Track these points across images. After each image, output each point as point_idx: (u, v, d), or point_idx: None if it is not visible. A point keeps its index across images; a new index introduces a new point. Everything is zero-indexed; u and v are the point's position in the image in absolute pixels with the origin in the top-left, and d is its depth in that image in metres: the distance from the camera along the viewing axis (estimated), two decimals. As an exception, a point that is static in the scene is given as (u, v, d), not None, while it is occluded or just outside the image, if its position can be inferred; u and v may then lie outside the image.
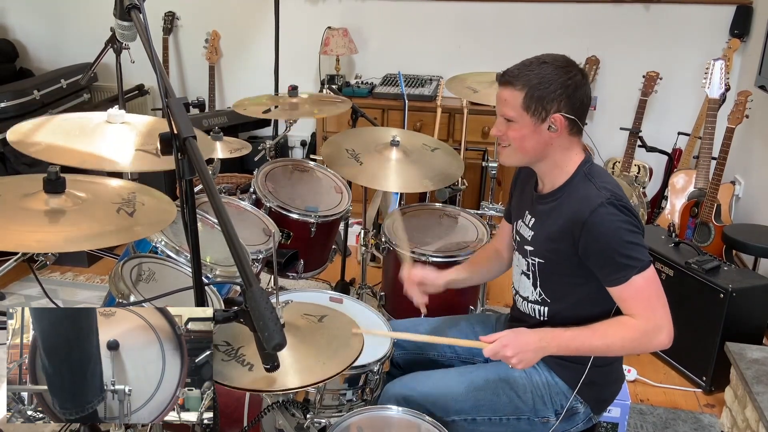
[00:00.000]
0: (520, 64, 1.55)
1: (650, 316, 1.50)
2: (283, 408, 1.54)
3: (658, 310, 1.51)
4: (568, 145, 1.57)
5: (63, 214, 1.40)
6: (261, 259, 2.11)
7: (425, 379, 1.70)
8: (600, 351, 1.56)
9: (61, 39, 4.69)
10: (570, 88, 1.51)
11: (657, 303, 1.51)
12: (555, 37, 3.95)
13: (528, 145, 1.56)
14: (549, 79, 1.50)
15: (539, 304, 1.67)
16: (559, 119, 1.52)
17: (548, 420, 1.65)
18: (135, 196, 1.53)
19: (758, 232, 2.99)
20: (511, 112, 1.55)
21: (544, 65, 1.52)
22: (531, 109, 1.52)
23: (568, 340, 1.54)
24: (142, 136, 1.67)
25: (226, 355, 1.36)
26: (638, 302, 1.51)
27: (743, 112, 3.14)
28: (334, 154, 2.35)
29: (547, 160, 1.59)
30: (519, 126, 1.55)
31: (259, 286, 0.99)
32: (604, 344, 1.54)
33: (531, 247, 1.64)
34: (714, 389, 2.62)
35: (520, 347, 1.51)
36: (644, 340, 1.52)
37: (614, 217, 1.48)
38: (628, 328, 1.51)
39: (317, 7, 4.28)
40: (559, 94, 1.51)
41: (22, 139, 1.58)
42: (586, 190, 1.53)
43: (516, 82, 1.53)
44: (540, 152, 1.57)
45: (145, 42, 1.16)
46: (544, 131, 1.54)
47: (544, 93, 1.50)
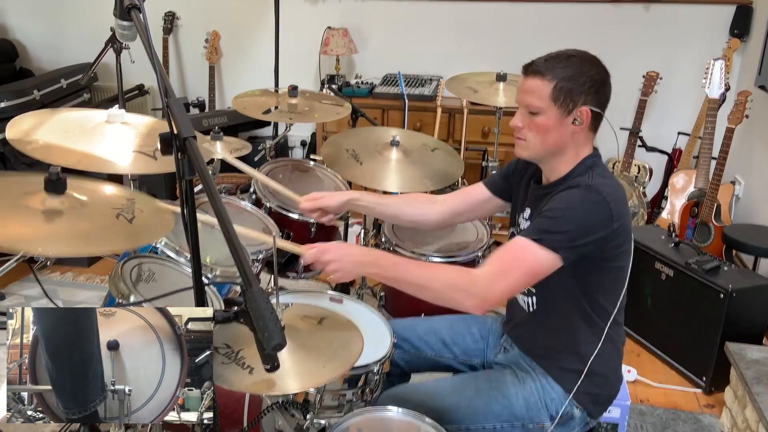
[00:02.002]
0: (547, 56, 1.53)
1: (492, 275, 1.45)
2: (283, 408, 1.54)
3: (497, 281, 1.45)
4: (584, 141, 1.56)
5: (60, 215, 1.38)
6: (261, 259, 2.11)
7: (417, 390, 1.69)
8: (417, 285, 1.49)
9: (61, 39, 4.68)
10: (598, 82, 1.51)
11: (505, 274, 1.45)
12: (555, 37, 3.94)
13: (550, 138, 1.54)
14: (578, 71, 1.50)
15: (526, 295, 1.65)
16: (585, 112, 1.51)
17: (543, 425, 1.62)
18: (134, 203, 1.51)
19: (758, 232, 2.99)
20: (537, 103, 1.52)
21: (572, 58, 1.51)
22: (559, 100, 1.50)
23: (393, 263, 1.51)
24: (142, 138, 1.66)
25: (226, 358, 1.36)
26: (498, 258, 1.47)
27: (743, 112, 3.14)
28: (334, 154, 2.36)
29: (562, 156, 1.57)
30: (545, 118, 1.52)
31: (259, 287, 0.99)
32: (426, 277, 1.49)
33: None
34: (714, 389, 2.62)
35: (341, 255, 1.49)
36: (462, 291, 1.45)
37: (579, 197, 1.46)
38: (459, 273, 1.47)
39: (317, 7, 4.28)
40: (588, 87, 1.50)
41: (21, 136, 1.57)
42: (582, 179, 1.52)
43: (546, 73, 1.50)
44: (559, 145, 1.55)
45: (145, 42, 1.16)
46: (568, 124, 1.52)
47: (574, 85, 1.49)
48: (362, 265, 1.52)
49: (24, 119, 1.63)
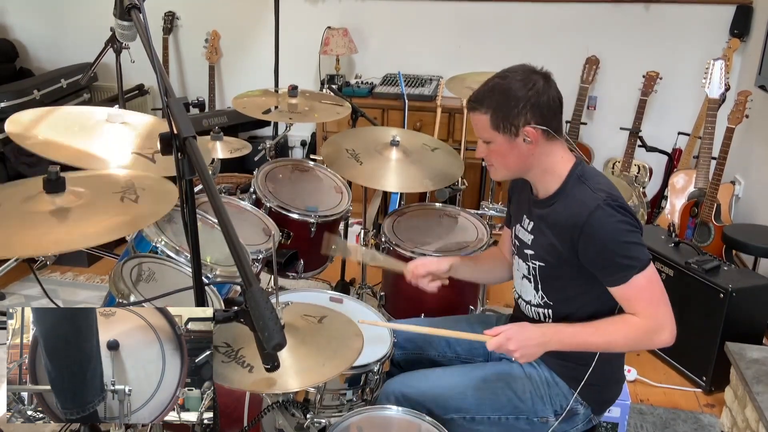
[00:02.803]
0: (482, 87, 1.58)
1: (653, 314, 1.52)
2: (283, 408, 1.54)
3: (661, 308, 1.52)
4: (549, 151, 1.58)
5: (69, 212, 1.38)
6: (261, 259, 2.11)
7: (425, 377, 1.70)
8: (602, 348, 1.58)
9: (61, 39, 4.69)
10: (532, 98, 1.52)
11: (659, 301, 1.52)
12: (555, 37, 3.94)
13: (510, 161, 1.59)
14: (509, 95, 1.52)
15: (543, 308, 1.67)
16: (530, 131, 1.53)
17: (547, 420, 1.65)
18: (133, 182, 1.50)
19: (758, 232, 2.99)
20: (485, 134, 1.58)
21: (502, 81, 1.54)
22: (500, 128, 1.54)
23: (570, 336, 1.56)
24: (141, 139, 1.66)
25: (226, 357, 1.36)
26: (640, 301, 1.52)
27: (743, 112, 3.14)
28: (334, 154, 2.36)
29: (535, 169, 1.61)
30: (496, 146, 1.58)
31: (259, 286, 0.99)
32: (606, 341, 1.55)
33: (531, 251, 1.65)
34: (714, 389, 2.62)
35: (524, 341, 1.52)
36: (646, 338, 1.53)
37: (611, 219, 1.49)
38: (630, 326, 1.53)
39: (317, 7, 4.28)
40: (522, 107, 1.52)
41: (21, 131, 1.57)
42: (581, 193, 1.54)
43: (480, 106, 1.56)
44: (524, 164, 1.59)
45: (145, 42, 1.16)
46: (520, 145, 1.55)
47: (508, 110, 1.53)
48: (544, 345, 1.54)
49: (24, 114, 1.63)
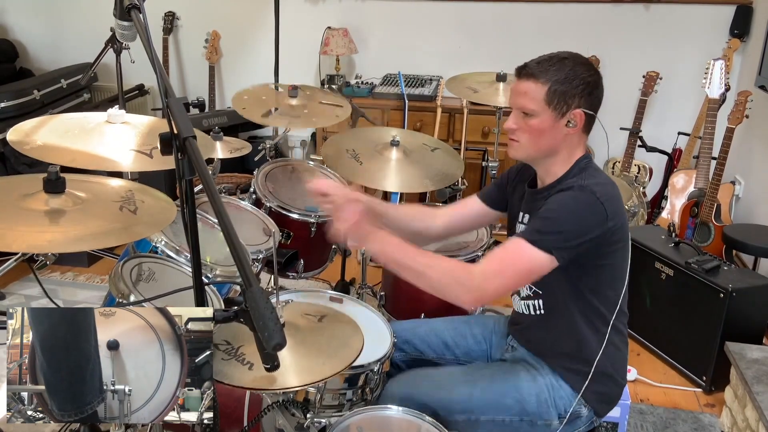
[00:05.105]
0: (540, 59, 1.54)
1: (483, 274, 1.47)
2: (283, 408, 1.54)
3: (492, 279, 1.47)
4: (578, 142, 1.57)
5: (64, 214, 1.39)
6: (261, 259, 2.11)
7: (428, 378, 1.69)
8: (416, 271, 1.51)
9: (61, 39, 4.68)
10: (591, 85, 1.52)
11: (501, 273, 1.47)
12: (555, 37, 3.94)
13: (543, 140, 1.55)
14: (572, 74, 1.50)
15: (532, 298, 1.66)
16: (579, 114, 1.52)
17: (551, 423, 1.64)
18: (133, 194, 1.52)
19: (758, 232, 2.99)
20: (531, 105, 1.53)
21: (566, 60, 1.52)
22: (553, 103, 1.51)
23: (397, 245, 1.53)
24: (141, 137, 1.67)
25: (225, 354, 1.36)
26: (492, 258, 1.49)
27: (743, 112, 3.14)
28: (334, 154, 2.36)
29: (555, 157, 1.58)
30: (539, 120, 1.53)
31: (259, 286, 0.99)
32: (425, 264, 1.50)
33: None
34: (714, 389, 2.62)
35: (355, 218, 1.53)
36: (456, 283, 1.47)
37: (572, 198, 1.48)
38: (457, 266, 1.50)
39: (317, 7, 4.28)
40: (581, 90, 1.51)
41: (21, 138, 1.57)
42: (575, 181, 1.54)
43: (540, 76, 1.51)
44: (552, 147, 1.56)
45: (145, 42, 1.16)
46: (562, 126, 1.53)
47: (568, 88, 1.50)
48: (369, 234, 1.52)
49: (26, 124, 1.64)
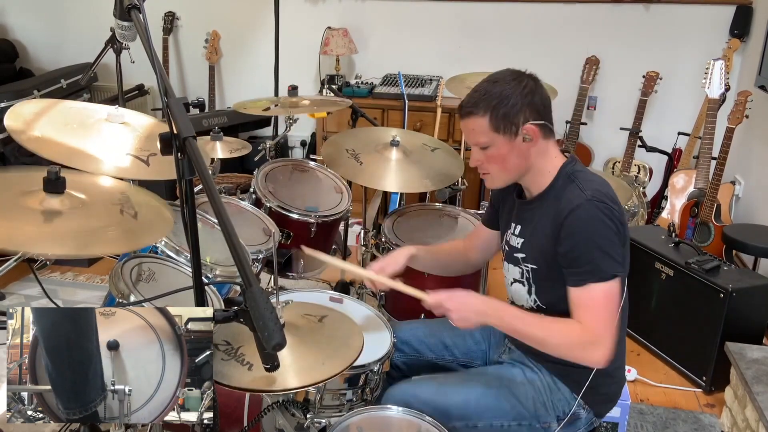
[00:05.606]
0: (472, 93, 1.57)
1: (594, 327, 1.48)
2: (283, 408, 1.54)
3: (605, 326, 1.48)
4: (545, 150, 1.59)
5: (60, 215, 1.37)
6: (261, 259, 2.11)
7: (427, 385, 1.69)
8: (534, 341, 1.54)
9: (61, 39, 4.69)
10: (528, 95, 1.53)
11: (606, 319, 1.48)
12: (555, 37, 3.94)
13: (510, 164, 1.58)
14: (505, 95, 1.52)
15: (536, 312, 1.66)
16: (530, 128, 1.54)
17: (550, 425, 1.64)
18: (128, 197, 1.50)
19: (758, 232, 2.99)
20: (483, 138, 1.56)
21: (496, 84, 1.55)
22: (501, 128, 1.54)
23: (511, 317, 1.55)
24: (139, 141, 1.66)
25: (225, 355, 1.36)
26: (588, 310, 1.49)
27: (743, 112, 3.14)
28: (334, 154, 2.35)
29: (532, 171, 1.60)
30: (495, 148, 1.56)
31: (259, 286, 0.99)
32: (542, 336, 1.52)
33: (522, 254, 1.64)
34: (714, 389, 2.62)
35: (463, 304, 1.53)
36: (579, 349, 1.50)
37: (593, 218, 1.48)
38: (570, 331, 1.50)
39: (317, 7, 4.28)
40: (520, 106, 1.52)
41: (19, 125, 1.55)
42: (570, 191, 1.54)
43: (476, 110, 1.55)
44: (523, 166, 1.59)
45: (145, 42, 1.16)
46: (520, 144, 1.55)
47: (506, 109, 1.52)
48: (483, 315, 1.55)
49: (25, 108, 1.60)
